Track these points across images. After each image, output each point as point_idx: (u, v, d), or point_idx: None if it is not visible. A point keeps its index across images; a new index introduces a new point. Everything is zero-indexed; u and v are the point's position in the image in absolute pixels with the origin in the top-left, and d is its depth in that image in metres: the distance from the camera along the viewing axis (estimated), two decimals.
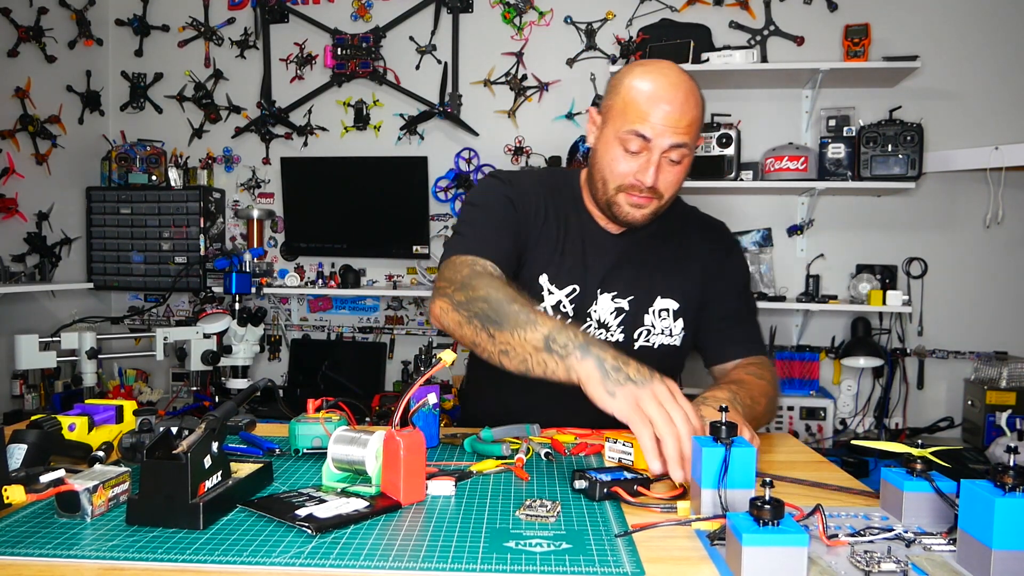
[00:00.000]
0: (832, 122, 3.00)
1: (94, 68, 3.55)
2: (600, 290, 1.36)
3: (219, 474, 0.86)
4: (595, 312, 1.36)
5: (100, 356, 2.18)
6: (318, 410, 1.15)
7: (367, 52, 3.44)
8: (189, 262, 3.40)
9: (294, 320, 3.62)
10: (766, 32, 3.19)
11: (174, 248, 3.43)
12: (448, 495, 0.93)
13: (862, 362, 3.06)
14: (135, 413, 1.12)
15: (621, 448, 1.04)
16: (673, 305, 1.39)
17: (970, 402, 2.92)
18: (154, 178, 3.49)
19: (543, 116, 3.37)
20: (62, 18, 3.38)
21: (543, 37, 3.37)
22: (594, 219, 1.39)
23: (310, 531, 0.78)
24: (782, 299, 3.07)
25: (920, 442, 2.48)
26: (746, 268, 1.50)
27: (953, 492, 0.81)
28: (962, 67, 3.07)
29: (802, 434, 2.96)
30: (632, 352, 1.36)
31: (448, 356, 0.97)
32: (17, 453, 0.93)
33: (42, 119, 3.25)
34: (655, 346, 1.39)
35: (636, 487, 0.92)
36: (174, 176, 3.46)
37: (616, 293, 1.36)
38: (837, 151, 2.93)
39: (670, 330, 1.39)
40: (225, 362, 2.56)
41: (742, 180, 3.01)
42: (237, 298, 2.69)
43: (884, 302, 2.90)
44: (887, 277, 3.08)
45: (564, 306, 1.35)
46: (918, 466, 0.85)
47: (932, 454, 0.86)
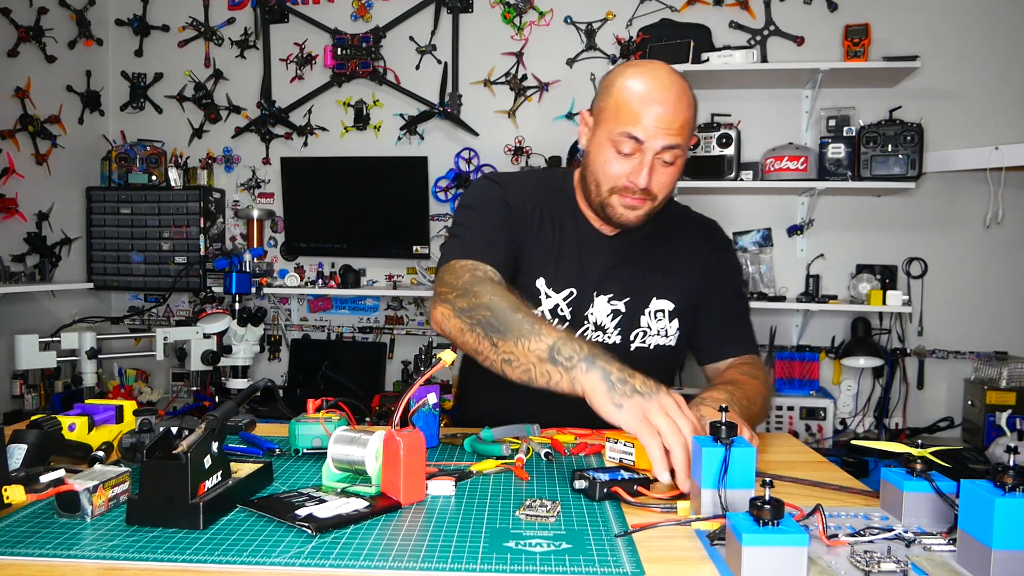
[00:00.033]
0: (832, 122, 3.00)
1: (94, 68, 3.55)
2: (596, 293, 1.36)
3: (219, 474, 0.86)
4: (592, 315, 1.36)
5: (100, 356, 2.18)
6: (318, 410, 1.15)
7: (367, 52, 3.44)
8: (189, 262, 3.40)
9: (294, 320, 3.62)
10: (766, 32, 3.19)
11: (174, 248, 3.43)
12: (448, 495, 0.93)
13: (862, 362, 3.06)
14: (135, 413, 1.12)
15: (622, 448, 1.04)
16: (669, 306, 1.39)
17: (970, 402, 2.92)
18: (154, 178, 3.49)
19: (543, 116, 3.37)
20: (62, 18, 3.38)
21: (543, 37, 3.37)
22: (588, 221, 1.38)
23: (310, 531, 0.78)
24: (782, 299, 3.07)
25: (920, 442, 2.48)
26: (739, 267, 1.51)
27: (953, 492, 0.81)
28: (962, 67, 3.07)
29: (802, 434, 2.96)
30: (628, 354, 1.36)
31: (448, 356, 0.97)
32: (17, 453, 0.93)
33: (42, 119, 3.25)
34: (651, 347, 1.39)
35: (636, 487, 0.92)
36: (174, 176, 3.46)
37: (612, 295, 1.36)
38: (837, 151, 2.93)
39: (666, 331, 1.39)
40: (225, 362, 2.56)
41: (742, 180, 3.01)
42: (237, 298, 2.69)
43: (884, 302, 2.90)
44: (887, 277, 3.08)
45: (561, 310, 1.34)
46: (918, 466, 0.85)
47: (932, 454, 0.86)
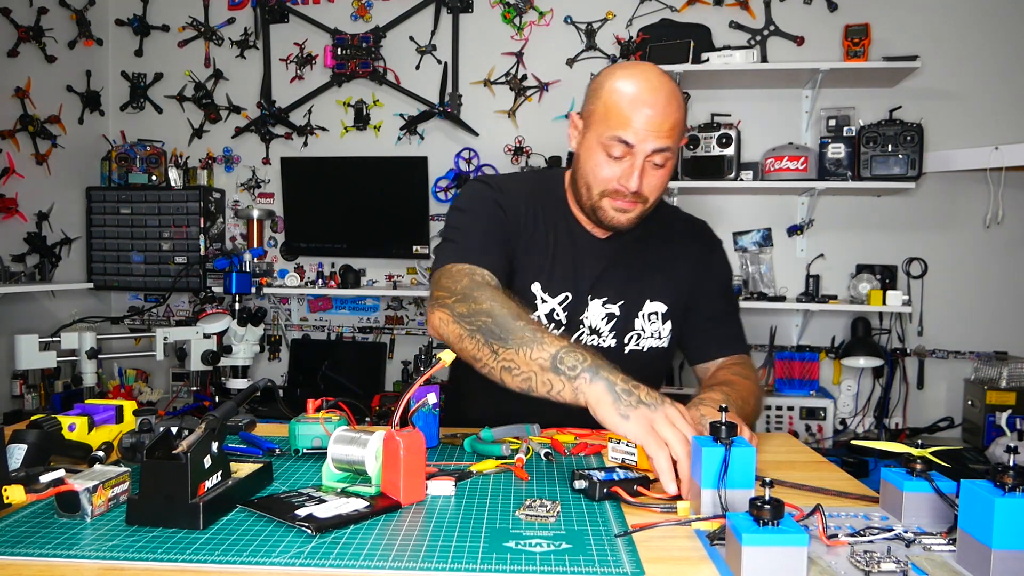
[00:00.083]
0: (832, 122, 3.00)
1: (94, 68, 3.55)
2: (591, 296, 1.35)
3: (219, 474, 0.86)
4: (587, 319, 1.35)
5: (100, 356, 2.18)
6: (318, 410, 1.15)
7: (367, 52, 3.44)
8: (189, 262, 3.40)
9: (294, 320, 3.62)
10: (766, 32, 3.19)
11: (174, 248, 3.43)
12: (448, 495, 0.93)
13: (862, 362, 3.06)
14: (135, 413, 1.12)
15: (624, 448, 1.04)
16: (662, 308, 1.39)
17: (970, 402, 2.92)
18: (154, 178, 3.49)
19: (543, 116, 3.37)
20: (62, 18, 3.38)
21: (543, 37, 3.37)
22: (580, 223, 1.37)
23: (310, 531, 0.78)
24: (782, 299, 3.07)
25: (920, 442, 2.48)
26: (729, 266, 1.50)
27: (953, 492, 0.81)
28: (962, 67, 3.07)
29: (802, 434, 2.96)
30: (622, 356, 1.36)
31: (448, 356, 0.97)
32: (17, 453, 0.93)
33: (42, 119, 3.25)
34: (644, 349, 1.39)
35: (636, 487, 0.92)
36: (174, 176, 3.46)
37: (607, 299, 1.36)
38: (837, 151, 2.93)
39: (659, 333, 1.39)
40: (225, 362, 2.56)
41: (742, 180, 3.01)
42: (237, 298, 2.69)
43: (884, 302, 2.90)
44: (887, 277, 3.08)
45: (557, 314, 1.34)
46: (918, 466, 0.85)
47: (932, 454, 0.86)
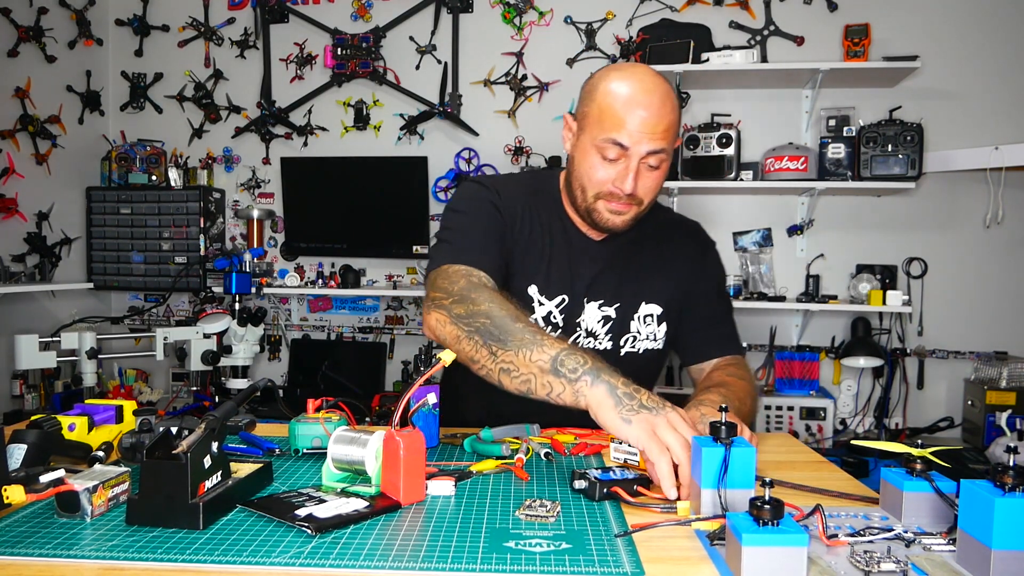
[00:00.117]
0: (832, 122, 3.00)
1: (94, 68, 3.55)
2: (587, 299, 1.35)
3: (219, 474, 0.86)
4: (583, 321, 1.35)
5: (100, 356, 2.18)
6: (318, 410, 1.15)
7: (367, 52, 3.44)
8: (189, 262, 3.40)
9: (294, 320, 3.62)
10: (766, 32, 3.19)
11: (174, 248, 3.43)
12: (448, 495, 0.93)
13: (862, 362, 3.06)
14: (135, 413, 1.12)
15: (626, 449, 1.04)
16: (657, 310, 1.39)
17: (970, 402, 2.92)
18: (154, 178, 3.49)
19: (543, 116, 3.37)
20: (62, 18, 3.38)
21: (543, 37, 3.37)
22: (575, 225, 1.37)
23: (310, 531, 0.78)
24: (782, 299, 3.07)
25: (920, 442, 2.49)
26: (723, 268, 1.51)
27: (953, 492, 0.81)
28: (962, 67, 3.07)
29: (802, 434, 2.96)
30: (619, 359, 1.36)
31: (448, 356, 0.97)
32: (17, 453, 0.93)
33: (42, 119, 3.25)
34: (640, 351, 1.39)
35: (636, 487, 0.92)
36: (174, 176, 3.46)
37: (603, 301, 1.36)
38: (837, 151, 2.93)
39: (654, 335, 1.39)
40: (225, 362, 2.56)
41: (742, 180, 3.00)
42: (237, 298, 2.69)
43: (884, 302, 2.90)
44: (887, 277, 3.08)
45: (554, 317, 1.34)
46: (918, 466, 0.85)
47: (932, 454, 0.86)
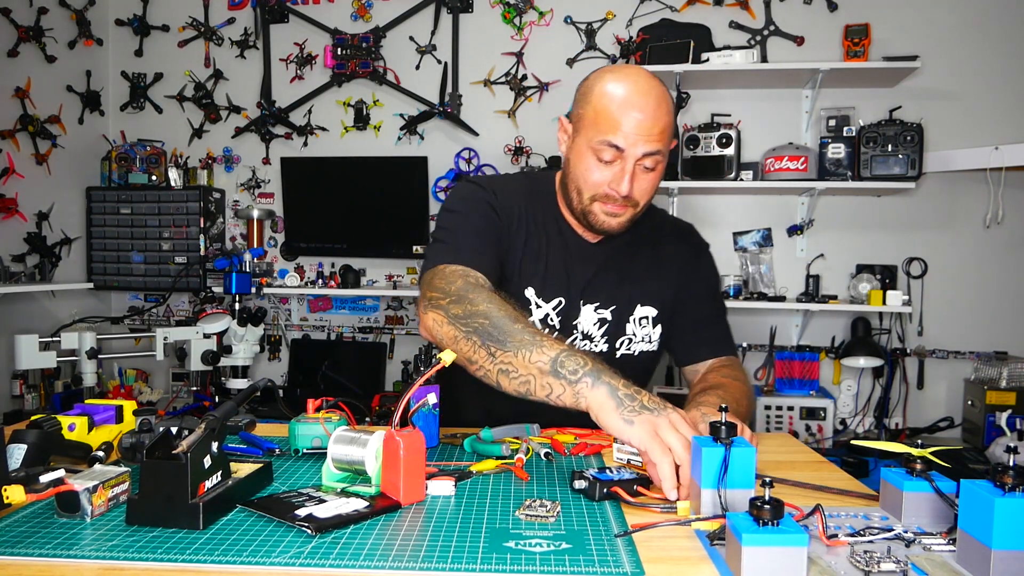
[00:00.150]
0: (832, 122, 3.00)
1: (94, 68, 3.55)
2: (583, 301, 1.35)
3: (219, 474, 0.86)
4: (580, 324, 1.35)
5: (100, 356, 2.18)
6: (318, 410, 1.15)
7: (367, 52, 3.44)
8: (189, 262, 3.40)
9: (294, 320, 3.62)
10: (766, 32, 3.19)
11: (174, 248, 3.43)
12: (448, 495, 0.93)
13: (862, 362, 3.06)
14: (135, 413, 1.12)
15: (629, 449, 1.04)
16: (652, 312, 1.39)
17: (970, 402, 2.92)
18: (154, 178, 3.49)
19: (543, 116, 3.37)
20: (62, 18, 3.38)
21: (543, 37, 3.37)
22: (571, 227, 1.37)
23: (310, 531, 0.78)
24: (782, 299, 3.07)
25: (920, 442, 2.48)
26: (716, 269, 1.52)
27: (953, 492, 0.81)
28: (962, 67, 3.07)
29: (802, 434, 2.96)
30: (614, 361, 1.36)
31: (448, 356, 0.97)
32: (17, 453, 0.93)
33: (42, 119, 3.25)
34: (636, 353, 1.39)
35: (636, 487, 0.92)
36: (174, 176, 3.46)
37: (598, 304, 1.36)
38: (837, 151, 2.93)
39: (650, 337, 1.40)
40: (225, 362, 2.56)
41: (742, 180, 3.00)
42: (237, 298, 2.69)
43: (884, 302, 2.90)
44: (887, 277, 3.08)
45: (551, 319, 1.34)
46: (918, 466, 0.85)
47: (932, 454, 0.86)
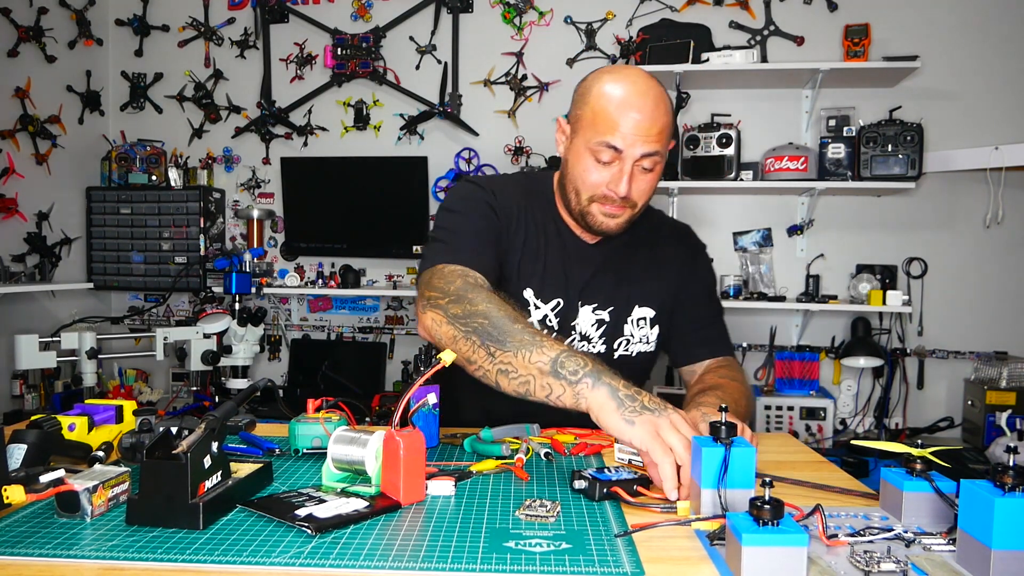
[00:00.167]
0: (832, 122, 3.00)
1: (94, 68, 3.55)
2: (581, 302, 1.35)
3: (219, 474, 0.86)
4: (578, 325, 1.36)
5: (100, 356, 2.18)
6: (318, 410, 1.15)
7: (367, 52, 3.44)
8: (189, 262, 3.40)
9: (294, 320, 3.62)
10: (766, 32, 3.19)
11: (174, 248, 3.43)
12: (448, 495, 0.93)
13: (862, 362, 3.06)
14: (135, 413, 1.12)
15: (630, 449, 1.04)
16: (650, 313, 1.39)
17: (970, 402, 2.92)
18: (154, 178, 3.49)
19: (543, 116, 3.37)
20: (62, 18, 3.38)
21: (543, 37, 3.37)
22: (569, 228, 1.37)
23: (310, 531, 0.78)
24: (782, 299, 3.07)
25: (920, 442, 2.48)
26: (712, 270, 1.52)
27: (953, 492, 0.81)
28: (962, 67, 3.07)
29: (802, 434, 2.96)
30: (612, 361, 1.36)
31: (448, 356, 0.97)
32: (17, 453, 0.93)
33: (42, 119, 3.25)
34: (633, 354, 1.40)
35: (636, 487, 0.92)
36: (174, 176, 3.46)
37: (596, 305, 1.36)
38: (837, 151, 2.93)
39: (647, 338, 1.40)
40: (225, 362, 2.56)
41: (742, 180, 3.00)
42: (237, 298, 2.69)
43: (884, 302, 2.90)
44: (887, 277, 3.08)
45: (550, 320, 1.34)
46: (918, 466, 0.85)
47: (932, 454, 0.86)
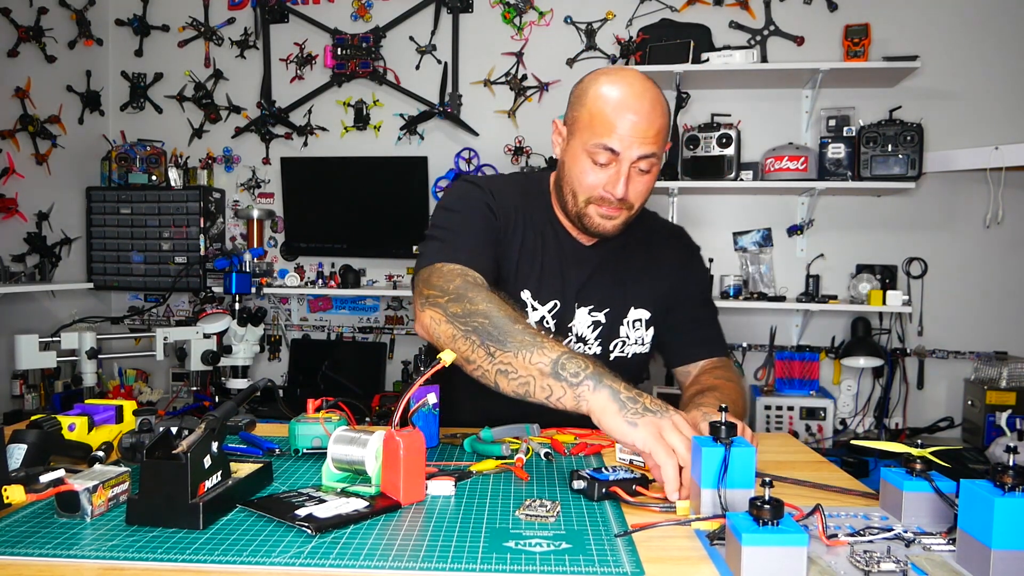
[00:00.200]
0: (832, 122, 3.00)
1: (94, 68, 3.55)
2: (577, 304, 1.35)
3: (219, 474, 0.86)
4: (574, 326, 1.36)
5: (100, 356, 2.18)
6: (318, 410, 1.15)
7: (367, 52, 3.44)
8: (189, 262, 3.40)
9: (294, 320, 3.62)
10: (766, 32, 3.19)
11: (174, 248, 3.43)
12: (448, 495, 0.93)
13: (862, 362, 3.06)
14: (135, 413, 1.12)
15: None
16: (645, 315, 1.40)
17: (970, 402, 2.92)
18: (154, 178, 3.49)
19: (543, 116, 3.37)
20: (62, 18, 3.38)
21: (543, 37, 3.37)
22: (566, 229, 1.37)
23: (310, 531, 0.78)
24: (782, 299, 3.07)
25: (920, 442, 2.48)
26: (707, 272, 1.53)
27: (953, 492, 0.81)
28: (962, 67, 3.07)
29: (802, 434, 2.96)
30: (607, 363, 1.35)
31: (448, 356, 0.97)
32: (17, 453, 0.93)
33: (42, 119, 3.25)
34: (629, 356, 1.40)
35: (635, 487, 0.92)
36: (174, 176, 3.46)
37: (592, 307, 1.36)
38: (837, 151, 2.93)
39: (643, 339, 1.41)
40: (225, 362, 2.56)
41: (742, 180, 3.00)
42: (237, 298, 2.69)
43: (884, 302, 2.90)
44: (887, 277, 3.08)
45: (547, 321, 1.34)
46: (918, 466, 0.85)
47: (932, 454, 0.86)
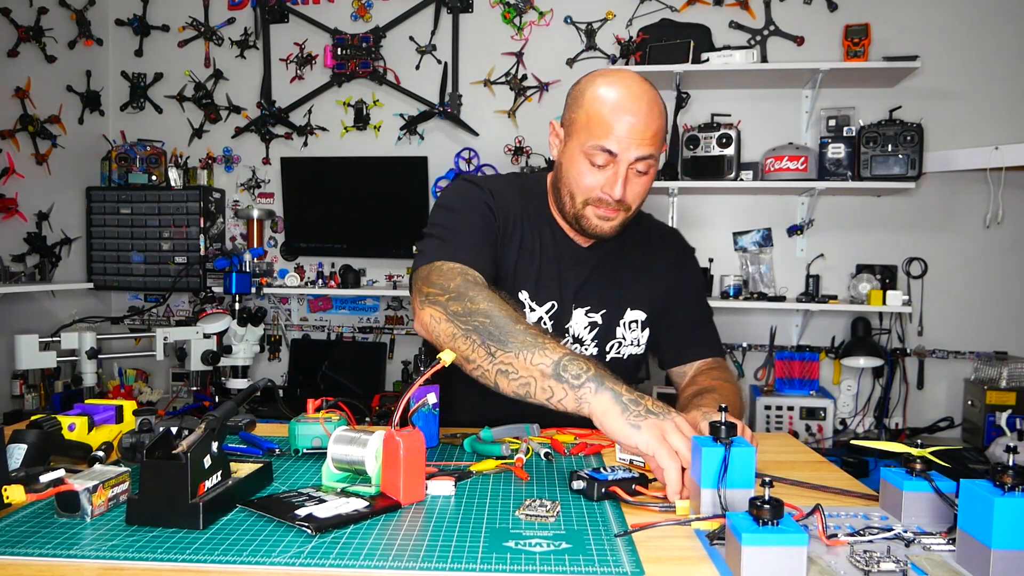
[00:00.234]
0: (832, 122, 3.00)
1: (94, 68, 3.55)
2: (575, 305, 1.36)
3: (219, 474, 0.86)
4: (571, 327, 1.36)
5: (100, 356, 2.18)
6: (318, 410, 1.15)
7: (367, 52, 3.44)
8: (189, 262, 3.40)
9: (294, 320, 3.62)
10: (766, 32, 3.19)
11: (174, 248, 3.43)
12: (448, 495, 0.93)
13: (862, 362, 3.06)
14: (135, 413, 1.12)
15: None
16: (641, 316, 1.40)
17: (970, 402, 2.92)
18: (154, 178, 3.49)
19: (543, 116, 3.37)
20: (62, 18, 3.38)
21: (543, 37, 3.37)
22: (563, 230, 1.37)
23: (310, 531, 0.78)
24: (782, 299, 3.07)
25: (920, 442, 2.49)
26: (701, 274, 1.55)
27: (953, 492, 0.81)
28: (962, 67, 3.07)
29: (802, 434, 2.96)
30: (604, 364, 1.36)
31: (448, 356, 0.97)
32: (17, 453, 0.93)
33: (42, 119, 3.25)
34: (625, 357, 1.40)
35: (635, 487, 0.92)
36: (174, 176, 3.46)
37: (589, 307, 1.37)
38: (837, 151, 2.93)
39: (639, 340, 1.41)
40: (225, 362, 2.56)
41: (742, 180, 3.01)
42: (237, 298, 2.69)
43: (884, 302, 2.90)
44: (887, 277, 3.08)
45: (544, 322, 1.34)
46: (918, 466, 0.85)
47: (932, 454, 0.86)
